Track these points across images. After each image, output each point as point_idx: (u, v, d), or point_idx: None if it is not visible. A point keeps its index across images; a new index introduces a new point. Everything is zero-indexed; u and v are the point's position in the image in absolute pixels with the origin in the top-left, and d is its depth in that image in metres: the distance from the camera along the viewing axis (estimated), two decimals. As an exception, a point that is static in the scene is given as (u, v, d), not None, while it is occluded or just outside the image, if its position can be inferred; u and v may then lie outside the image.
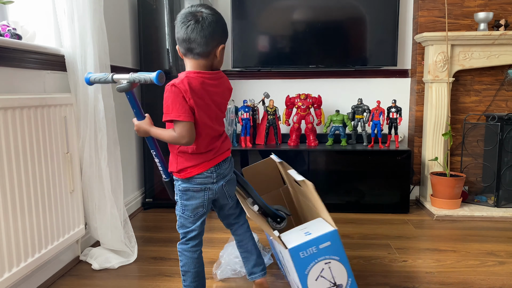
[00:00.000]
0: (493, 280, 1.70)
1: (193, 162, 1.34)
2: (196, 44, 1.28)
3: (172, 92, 1.24)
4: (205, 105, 1.30)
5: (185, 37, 1.28)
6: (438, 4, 2.69)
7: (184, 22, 1.28)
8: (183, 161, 1.34)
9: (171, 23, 2.58)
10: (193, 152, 1.33)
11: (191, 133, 1.26)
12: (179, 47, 1.34)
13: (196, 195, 1.36)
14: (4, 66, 1.46)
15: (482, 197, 2.68)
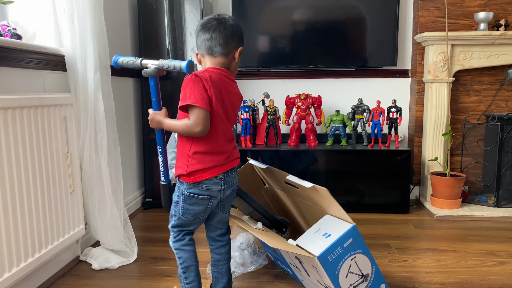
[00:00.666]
0: (493, 280, 1.70)
1: (205, 164, 1.30)
2: (217, 43, 1.32)
3: (192, 80, 1.25)
4: (222, 100, 1.30)
5: (207, 37, 1.32)
6: (438, 4, 2.69)
7: (205, 25, 1.33)
8: (194, 163, 1.31)
9: (171, 23, 2.58)
10: (207, 151, 1.30)
11: (207, 122, 1.24)
12: (199, 50, 1.37)
13: (201, 202, 1.34)
14: (4, 66, 1.46)
15: (482, 197, 2.68)
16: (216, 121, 1.28)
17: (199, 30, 1.35)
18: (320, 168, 2.63)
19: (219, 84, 1.29)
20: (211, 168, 1.31)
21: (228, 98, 1.33)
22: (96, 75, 1.77)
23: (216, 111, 1.27)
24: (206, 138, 1.29)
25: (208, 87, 1.24)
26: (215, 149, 1.31)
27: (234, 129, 2.74)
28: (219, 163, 1.32)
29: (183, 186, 1.33)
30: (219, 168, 1.33)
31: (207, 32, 1.32)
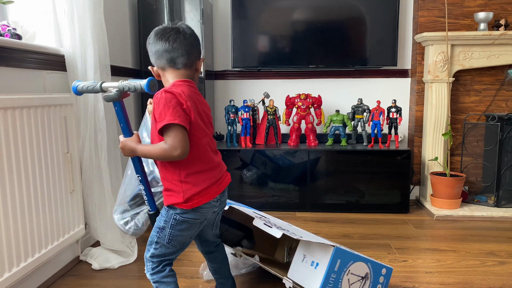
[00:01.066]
0: (493, 280, 1.70)
1: (201, 185, 1.20)
2: (180, 54, 1.22)
3: (164, 98, 1.13)
4: (199, 113, 1.21)
5: (167, 48, 1.21)
6: (438, 4, 2.69)
7: (163, 34, 1.22)
8: (190, 187, 1.19)
9: (171, 23, 2.58)
10: (200, 170, 1.20)
11: (185, 143, 1.13)
12: (156, 62, 1.25)
13: (194, 226, 1.24)
14: (4, 66, 1.46)
15: (482, 197, 2.68)
16: (200, 134, 1.19)
17: (155, 40, 1.23)
18: (320, 168, 2.63)
19: (192, 96, 1.20)
20: (208, 188, 1.22)
21: (203, 109, 1.24)
22: (96, 75, 1.78)
23: (197, 125, 1.18)
24: (195, 156, 1.19)
25: (184, 101, 1.15)
26: (207, 165, 1.22)
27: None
28: (214, 179, 1.24)
29: (175, 211, 1.21)
30: (216, 189, 1.24)
31: (166, 42, 1.21)
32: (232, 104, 2.72)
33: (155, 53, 1.24)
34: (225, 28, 2.97)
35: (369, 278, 1.44)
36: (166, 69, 1.25)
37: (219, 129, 3.05)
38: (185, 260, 1.90)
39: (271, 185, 2.65)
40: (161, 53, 1.22)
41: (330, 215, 2.55)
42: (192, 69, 1.27)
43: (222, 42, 2.99)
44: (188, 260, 1.90)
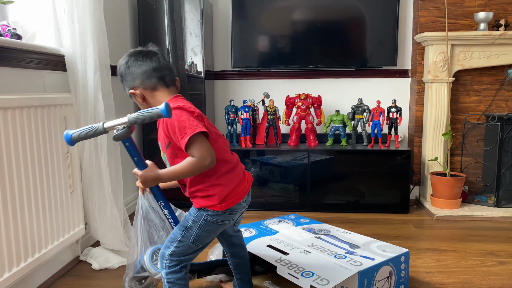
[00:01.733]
0: (493, 280, 1.70)
1: (232, 184, 1.22)
2: (168, 71, 1.24)
3: (176, 114, 1.13)
4: (205, 120, 1.24)
5: (155, 66, 1.22)
6: (438, 4, 2.69)
7: (145, 55, 1.23)
8: (222, 188, 1.20)
9: (171, 23, 2.58)
10: (228, 170, 1.22)
11: (211, 150, 1.14)
12: (144, 83, 1.22)
13: (221, 227, 1.25)
14: (4, 66, 1.46)
15: (482, 197, 2.68)
16: (214, 137, 1.21)
17: (139, 62, 1.21)
18: (320, 168, 2.63)
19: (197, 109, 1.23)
20: (237, 186, 1.23)
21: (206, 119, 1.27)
22: (96, 75, 1.78)
23: (208, 129, 1.19)
24: (218, 158, 1.19)
25: (193, 109, 1.17)
26: (230, 164, 1.24)
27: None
28: (239, 176, 1.25)
29: (207, 212, 1.20)
30: (243, 188, 1.25)
31: (152, 61, 1.21)
32: (232, 104, 2.72)
33: (143, 74, 1.21)
34: (225, 28, 2.97)
35: (393, 273, 1.48)
36: (157, 88, 1.23)
37: (219, 129, 3.05)
38: (185, 260, 1.90)
39: (271, 185, 2.65)
40: (151, 73, 1.21)
41: (330, 215, 2.55)
42: (175, 86, 1.29)
43: (222, 42, 2.99)
44: (188, 260, 1.90)
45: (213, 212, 1.20)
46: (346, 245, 1.58)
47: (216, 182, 1.20)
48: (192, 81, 2.63)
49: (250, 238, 1.65)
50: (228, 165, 1.23)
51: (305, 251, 1.52)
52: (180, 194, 1.31)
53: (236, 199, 1.22)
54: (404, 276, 1.54)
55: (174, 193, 1.44)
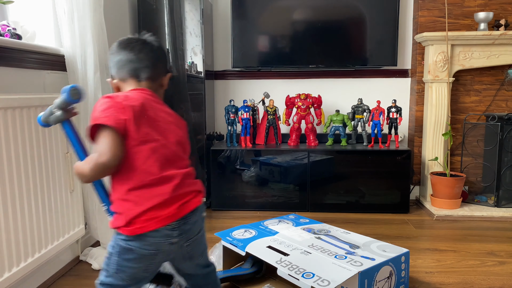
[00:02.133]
0: (493, 280, 1.70)
1: (145, 204, 0.99)
2: (144, 65, 1.12)
3: (101, 103, 1.02)
4: (150, 119, 1.06)
5: (131, 58, 1.11)
6: (438, 4, 2.69)
7: (128, 45, 1.13)
8: (131, 206, 0.99)
9: (171, 23, 2.58)
10: (142, 184, 0.99)
11: (115, 147, 0.97)
12: (117, 73, 1.13)
13: (144, 259, 1.03)
14: (4, 66, 1.46)
15: (482, 197, 2.68)
16: (143, 138, 1.02)
17: (119, 50, 1.13)
18: (320, 168, 2.63)
19: (143, 101, 1.06)
20: (154, 209, 0.99)
21: (162, 117, 1.09)
22: (96, 75, 1.78)
23: (142, 129, 1.02)
24: (134, 165, 1.00)
25: (121, 100, 1.01)
26: (152, 176, 1.00)
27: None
28: (164, 196, 1.00)
29: (120, 236, 1.02)
30: (169, 212, 1.00)
31: (131, 52, 1.12)
32: (232, 104, 2.72)
33: (117, 63, 1.13)
34: (225, 28, 2.97)
35: (394, 273, 1.47)
36: (127, 80, 1.13)
37: (219, 129, 3.05)
38: (185, 260, 1.90)
39: (271, 185, 2.65)
40: (124, 63, 1.12)
41: (330, 215, 2.55)
42: (156, 83, 1.16)
43: (222, 42, 2.99)
44: (188, 260, 1.90)
45: (125, 236, 1.00)
46: (346, 245, 1.58)
47: (125, 197, 1.00)
48: (192, 81, 2.63)
49: (250, 239, 1.65)
50: (146, 177, 1.00)
51: (305, 251, 1.52)
52: None
53: (150, 224, 0.98)
54: (404, 276, 1.54)
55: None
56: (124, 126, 0.99)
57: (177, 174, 1.04)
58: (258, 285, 1.61)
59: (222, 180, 2.66)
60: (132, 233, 0.99)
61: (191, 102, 2.63)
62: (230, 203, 2.67)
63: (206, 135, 2.70)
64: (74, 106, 1.10)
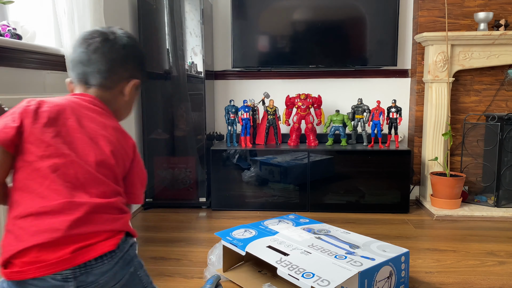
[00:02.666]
0: (493, 280, 1.70)
1: (28, 240, 0.74)
2: (96, 69, 0.92)
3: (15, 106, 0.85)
4: (66, 129, 0.84)
5: (81, 58, 0.92)
6: (438, 4, 2.69)
7: (86, 39, 0.93)
8: (10, 242, 0.76)
9: (171, 23, 2.58)
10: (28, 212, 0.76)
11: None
12: (70, 74, 0.97)
13: None
14: (4, 66, 1.46)
15: (482, 197, 2.68)
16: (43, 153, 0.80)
17: (76, 45, 0.94)
18: (320, 168, 2.63)
19: (64, 107, 0.86)
20: (40, 248, 0.74)
21: (90, 129, 0.87)
22: (96, 75, 1.77)
23: (44, 141, 0.81)
24: (25, 188, 0.79)
25: (20, 112, 0.82)
26: (45, 202, 0.77)
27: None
28: (55, 233, 0.74)
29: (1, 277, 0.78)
30: (62, 256, 0.74)
31: (84, 52, 0.93)
32: (232, 104, 2.72)
33: (70, 63, 0.95)
34: (225, 28, 2.97)
35: (394, 273, 1.48)
36: (75, 85, 0.95)
37: (219, 129, 3.06)
38: (185, 260, 1.90)
39: (271, 185, 2.65)
40: (74, 64, 0.94)
41: (330, 215, 2.55)
42: (112, 91, 0.95)
43: (222, 42, 2.99)
44: (188, 260, 1.90)
45: (3, 280, 0.77)
46: (346, 245, 1.58)
47: (8, 227, 0.78)
48: (192, 81, 2.63)
49: (250, 239, 1.65)
50: (38, 203, 0.77)
51: (305, 251, 1.52)
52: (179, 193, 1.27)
53: (33, 269, 0.73)
54: (404, 276, 1.54)
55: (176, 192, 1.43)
56: (10, 137, 0.78)
57: (83, 203, 0.78)
58: (258, 285, 1.61)
59: (222, 180, 2.66)
60: (8, 278, 0.74)
61: (191, 102, 2.64)
62: (230, 203, 2.67)
63: (206, 135, 2.70)
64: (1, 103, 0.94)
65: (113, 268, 0.80)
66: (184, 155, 2.68)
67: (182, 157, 2.68)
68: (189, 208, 2.69)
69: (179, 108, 2.64)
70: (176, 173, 2.68)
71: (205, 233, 2.23)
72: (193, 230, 2.28)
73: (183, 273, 1.77)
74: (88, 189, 0.81)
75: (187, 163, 2.69)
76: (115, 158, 0.88)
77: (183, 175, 2.69)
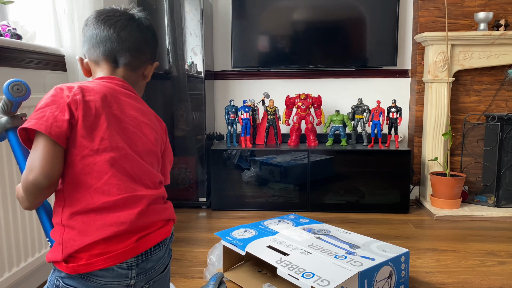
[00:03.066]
0: (493, 280, 1.70)
1: (94, 234, 0.75)
2: (125, 48, 0.88)
3: (47, 96, 0.81)
4: (113, 118, 0.82)
5: (110, 35, 0.87)
6: (438, 4, 2.69)
7: (110, 17, 0.88)
8: (73, 237, 0.75)
9: (171, 23, 2.58)
10: (92, 208, 0.76)
11: (47, 162, 0.74)
12: (89, 52, 0.90)
13: None
14: (4, 66, 1.46)
15: (482, 197, 2.68)
16: (97, 146, 0.78)
17: (96, 22, 0.88)
18: (320, 168, 2.63)
19: (105, 94, 0.83)
20: (107, 241, 0.75)
21: (132, 116, 0.86)
22: (96, 75, 1.77)
23: (97, 134, 0.79)
24: (82, 183, 0.77)
25: (67, 103, 0.79)
26: (105, 198, 0.77)
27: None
28: (121, 227, 0.76)
29: (59, 274, 0.78)
30: (127, 246, 0.77)
31: (111, 28, 0.87)
32: (232, 104, 2.72)
33: (90, 39, 0.89)
34: (225, 28, 2.97)
35: (394, 273, 1.48)
36: (99, 63, 0.90)
37: (219, 129, 3.06)
38: (185, 260, 1.90)
39: (271, 185, 2.65)
40: (99, 41, 0.88)
41: (330, 215, 2.55)
42: (137, 73, 0.93)
43: (222, 42, 2.99)
44: (188, 260, 1.90)
45: (65, 274, 0.76)
46: (346, 245, 1.58)
47: (67, 222, 0.77)
48: (192, 81, 2.63)
49: (250, 239, 1.65)
50: (99, 199, 0.77)
51: (305, 251, 1.52)
52: (179, 193, 1.26)
53: (101, 261, 0.75)
54: (404, 276, 1.54)
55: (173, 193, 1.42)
56: (64, 131, 0.76)
57: (143, 196, 0.81)
58: (258, 285, 1.61)
59: (222, 180, 2.66)
60: (73, 272, 0.75)
61: (191, 102, 2.64)
62: (230, 203, 2.67)
63: (206, 135, 2.70)
64: (24, 114, 0.90)
65: (165, 254, 0.86)
66: (184, 155, 2.68)
67: (182, 157, 2.68)
68: (189, 208, 2.69)
69: (179, 108, 2.64)
70: (176, 173, 2.67)
71: (205, 233, 2.23)
72: (193, 230, 2.28)
73: (183, 273, 1.77)
74: (144, 180, 0.83)
75: (187, 163, 2.69)
76: (158, 145, 0.89)
77: (183, 175, 2.69)
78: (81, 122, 0.78)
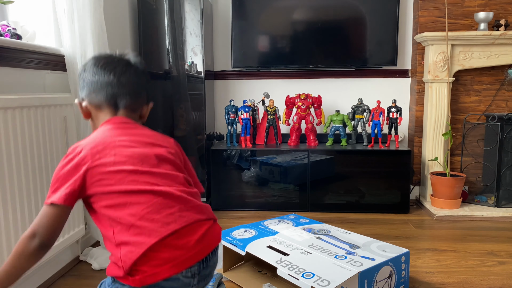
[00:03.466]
0: (493, 280, 1.70)
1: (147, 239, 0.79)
2: (125, 92, 0.95)
3: (64, 161, 0.86)
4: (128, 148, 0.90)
5: (111, 81, 0.94)
6: (438, 4, 2.69)
7: (109, 63, 0.96)
8: (129, 250, 0.79)
9: (171, 23, 2.58)
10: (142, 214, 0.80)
11: (51, 226, 0.79)
12: (90, 96, 0.96)
13: None
14: (4, 66, 1.46)
15: (482, 197, 2.68)
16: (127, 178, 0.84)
17: (96, 69, 0.95)
18: (320, 168, 2.63)
19: (125, 135, 0.92)
20: (163, 246, 0.78)
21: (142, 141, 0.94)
22: (96, 75, 1.77)
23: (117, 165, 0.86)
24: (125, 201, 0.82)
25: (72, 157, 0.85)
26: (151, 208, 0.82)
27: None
28: (167, 225, 0.80)
29: (122, 286, 0.82)
30: (187, 252, 0.78)
31: (111, 74, 0.94)
32: (232, 104, 2.72)
33: (91, 85, 0.95)
34: (225, 28, 2.97)
35: (394, 273, 1.48)
36: (102, 108, 0.96)
37: (219, 129, 3.06)
38: (185, 260, 1.90)
39: (271, 185, 2.65)
40: (101, 86, 0.94)
41: (330, 215, 2.55)
42: (135, 114, 1.00)
43: (222, 42, 2.99)
44: (188, 260, 1.90)
45: (129, 287, 0.80)
46: (346, 245, 1.58)
47: (120, 239, 0.81)
48: (192, 81, 2.63)
49: (250, 239, 1.65)
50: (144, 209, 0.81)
51: (305, 251, 1.52)
52: None
53: (164, 270, 0.75)
54: (404, 276, 1.54)
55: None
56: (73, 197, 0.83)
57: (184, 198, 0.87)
58: (258, 285, 1.61)
59: (222, 180, 2.66)
60: (141, 283, 0.75)
61: (191, 102, 2.64)
62: (230, 203, 2.67)
63: (206, 135, 2.70)
64: None
65: (216, 261, 0.89)
66: (184, 155, 2.68)
67: (182, 157, 2.68)
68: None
69: (179, 108, 2.64)
70: (176, 173, 2.67)
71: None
72: (193, 230, 2.27)
73: (183, 273, 1.76)
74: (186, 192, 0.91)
75: (187, 163, 2.68)
76: (168, 153, 0.98)
77: (183, 175, 2.68)
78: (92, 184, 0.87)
